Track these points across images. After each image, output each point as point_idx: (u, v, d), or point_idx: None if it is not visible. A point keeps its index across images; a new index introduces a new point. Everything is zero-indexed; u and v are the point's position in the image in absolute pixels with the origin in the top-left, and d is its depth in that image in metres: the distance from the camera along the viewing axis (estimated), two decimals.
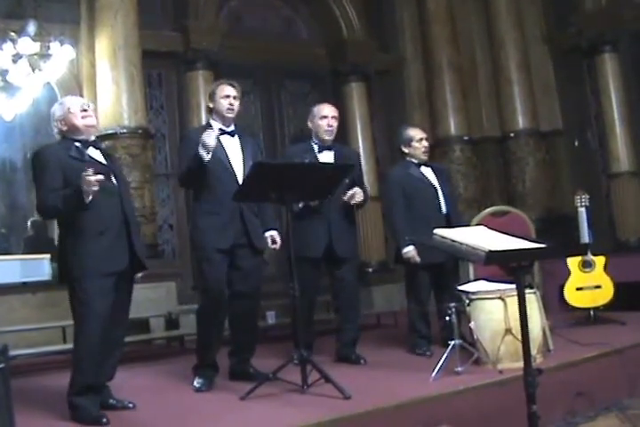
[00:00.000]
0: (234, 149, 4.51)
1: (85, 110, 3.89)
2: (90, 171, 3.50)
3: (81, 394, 3.71)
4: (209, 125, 4.57)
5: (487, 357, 4.40)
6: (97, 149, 3.95)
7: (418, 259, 5.11)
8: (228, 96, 4.51)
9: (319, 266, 5.02)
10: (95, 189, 3.53)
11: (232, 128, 4.57)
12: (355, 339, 5.13)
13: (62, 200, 3.66)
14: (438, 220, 5.11)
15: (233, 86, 4.55)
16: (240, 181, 4.34)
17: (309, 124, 5.17)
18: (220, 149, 4.43)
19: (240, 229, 4.41)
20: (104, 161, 3.91)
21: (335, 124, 5.08)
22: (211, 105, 4.58)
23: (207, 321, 4.46)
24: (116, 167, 4.04)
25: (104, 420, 3.65)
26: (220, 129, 4.51)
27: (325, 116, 5.06)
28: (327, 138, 5.08)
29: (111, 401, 3.96)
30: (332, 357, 5.12)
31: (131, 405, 3.97)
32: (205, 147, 4.17)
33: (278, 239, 4.63)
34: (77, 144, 3.85)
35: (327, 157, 5.07)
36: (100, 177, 3.53)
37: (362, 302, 5.50)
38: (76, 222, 3.73)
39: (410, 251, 5.13)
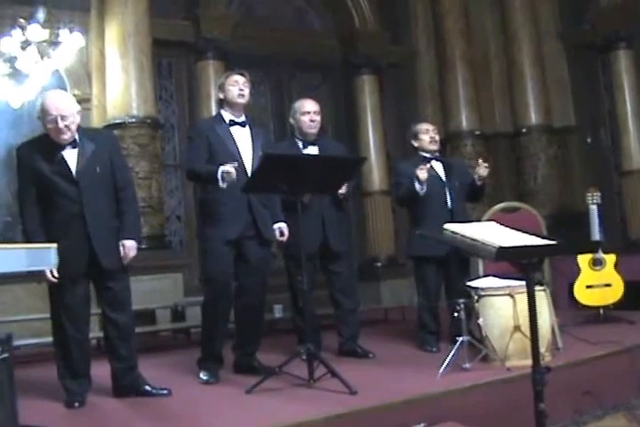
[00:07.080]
0: (244, 140, 4.48)
1: (58, 128, 3.76)
2: None
3: (71, 378, 3.93)
4: (219, 116, 4.55)
5: (495, 354, 4.36)
6: (74, 148, 3.87)
7: (425, 174, 5.00)
8: (237, 82, 4.49)
9: (314, 262, 4.94)
10: None
11: (243, 118, 4.55)
12: (357, 332, 5.12)
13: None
14: (443, 215, 5.06)
15: (242, 75, 4.54)
16: (249, 173, 4.31)
17: (291, 120, 5.13)
18: (229, 140, 4.41)
19: (248, 221, 4.38)
20: (75, 164, 3.84)
21: (317, 118, 5.03)
22: (221, 96, 4.55)
23: (212, 313, 4.43)
24: (100, 165, 3.90)
25: (76, 404, 3.85)
26: (231, 120, 4.49)
27: (307, 112, 5.02)
28: (311, 132, 5.04)
29: (146, 387, 4.01)
30: (334, 351, 5.10)
31: (165, 391, 4.01)
32: (226, 176, 4.13)
33: (286, 232, 4.60)
34: (54, 143, 3.83)
35: (312, 152, 5.02)
36: None
37: (359, 294, 5.44)
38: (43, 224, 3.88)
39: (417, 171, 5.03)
